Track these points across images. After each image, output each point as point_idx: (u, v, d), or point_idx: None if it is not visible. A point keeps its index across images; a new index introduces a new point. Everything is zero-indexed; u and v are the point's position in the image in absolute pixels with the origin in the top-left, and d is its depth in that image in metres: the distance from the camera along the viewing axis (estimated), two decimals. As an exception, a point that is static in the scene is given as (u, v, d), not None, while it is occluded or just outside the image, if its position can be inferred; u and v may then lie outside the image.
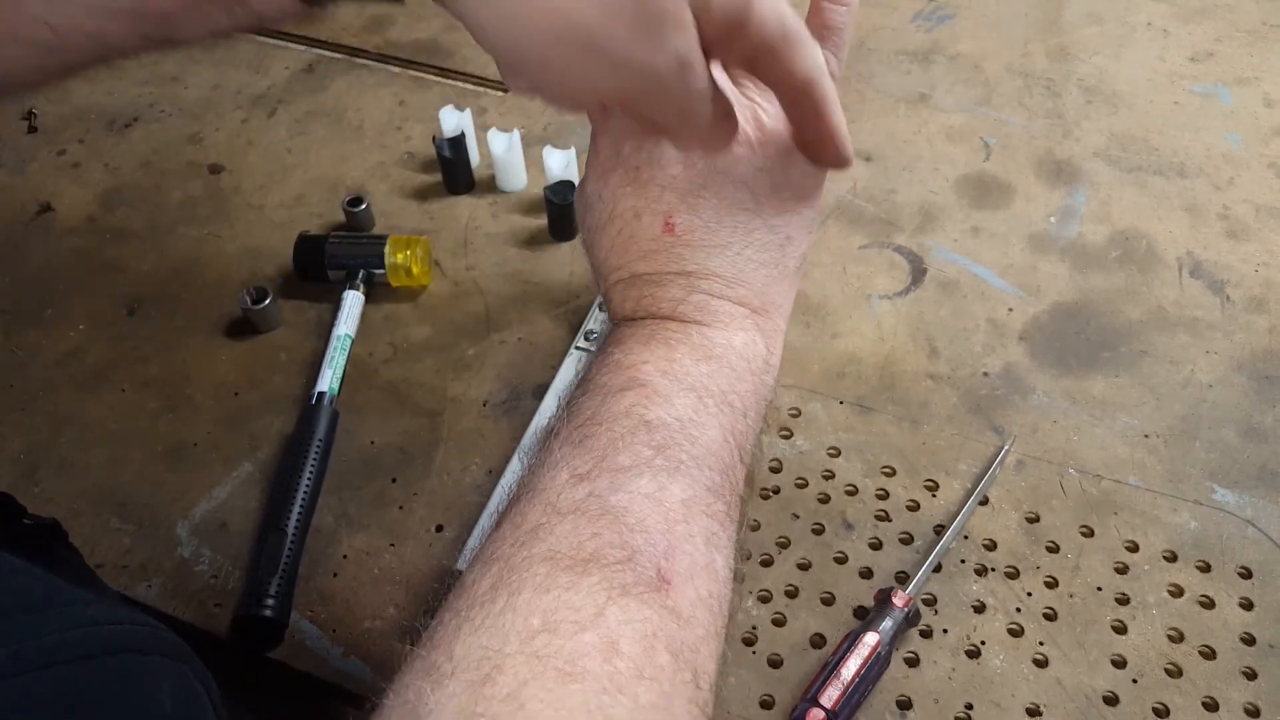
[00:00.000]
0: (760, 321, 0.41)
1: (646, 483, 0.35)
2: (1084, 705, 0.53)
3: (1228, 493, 0.61)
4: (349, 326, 0.70)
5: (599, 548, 0.33)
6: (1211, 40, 0.94)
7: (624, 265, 0.41)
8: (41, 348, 0.72)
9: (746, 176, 0.39)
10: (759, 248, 0.40)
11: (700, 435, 0.37)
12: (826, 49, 0.41)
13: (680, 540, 0.34)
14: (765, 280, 0.41)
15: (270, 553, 0.58)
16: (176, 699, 0.38)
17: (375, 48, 0.97)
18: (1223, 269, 0.74)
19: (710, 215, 0.39)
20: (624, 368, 0.38)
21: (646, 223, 0.39)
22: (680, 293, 0.40)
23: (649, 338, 0.39)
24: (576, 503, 0.34)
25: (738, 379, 0.39)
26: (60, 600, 0.37)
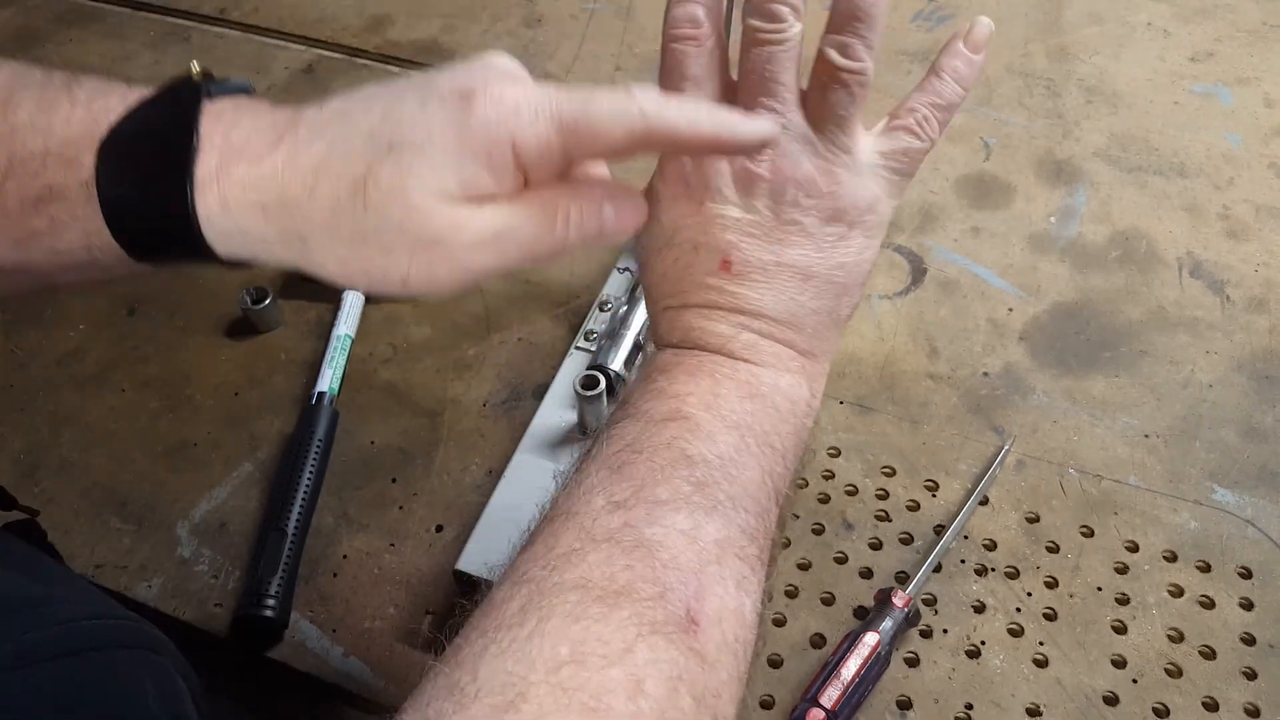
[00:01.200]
0: (807, 365, 0.41)
1: (683, 519, 0.34)
2: (1084, 705, 0.53)
3: (1228, 493, 0.61)
4: (349, 326, 0.70)
5: (631, 581, 0.32)
6: (1211, 40, 0.94)
7: (676, 294, 0.40)
8: (41, 348, 0.72)
9: (813, 229, 0.39)
10: (815, 295, 0.40)
11: (739, 475, 0.37)
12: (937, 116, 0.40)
13: (712, 581, 0.34)
14: (816, 326, 0.41)
15: (270, 553, 0.58)
16: (160, 692, 0.38)
17: (375, 48, 0.97)
18: (1223, 269, 0.74)
19: (769, 259, 0.39)
20: (668, 397, 0.38)
21: (704, 257, 0.39)
22: (731, 330, 0.39)
23: (696, 369, 0.39)
24: (611, 531, 0.34)
25: (781, 421, 0.39)
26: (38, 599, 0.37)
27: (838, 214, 0.39)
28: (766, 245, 0.39)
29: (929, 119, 0.40)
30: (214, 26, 1.01)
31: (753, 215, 0.39)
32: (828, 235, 0.39)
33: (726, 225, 0.39)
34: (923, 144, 0.41)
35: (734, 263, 0.39)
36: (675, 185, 0.40)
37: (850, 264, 0.40)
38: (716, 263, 0.39)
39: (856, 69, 0.38)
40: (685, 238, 0.40)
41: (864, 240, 0.40)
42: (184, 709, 0.38)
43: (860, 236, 0.40)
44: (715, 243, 0.39)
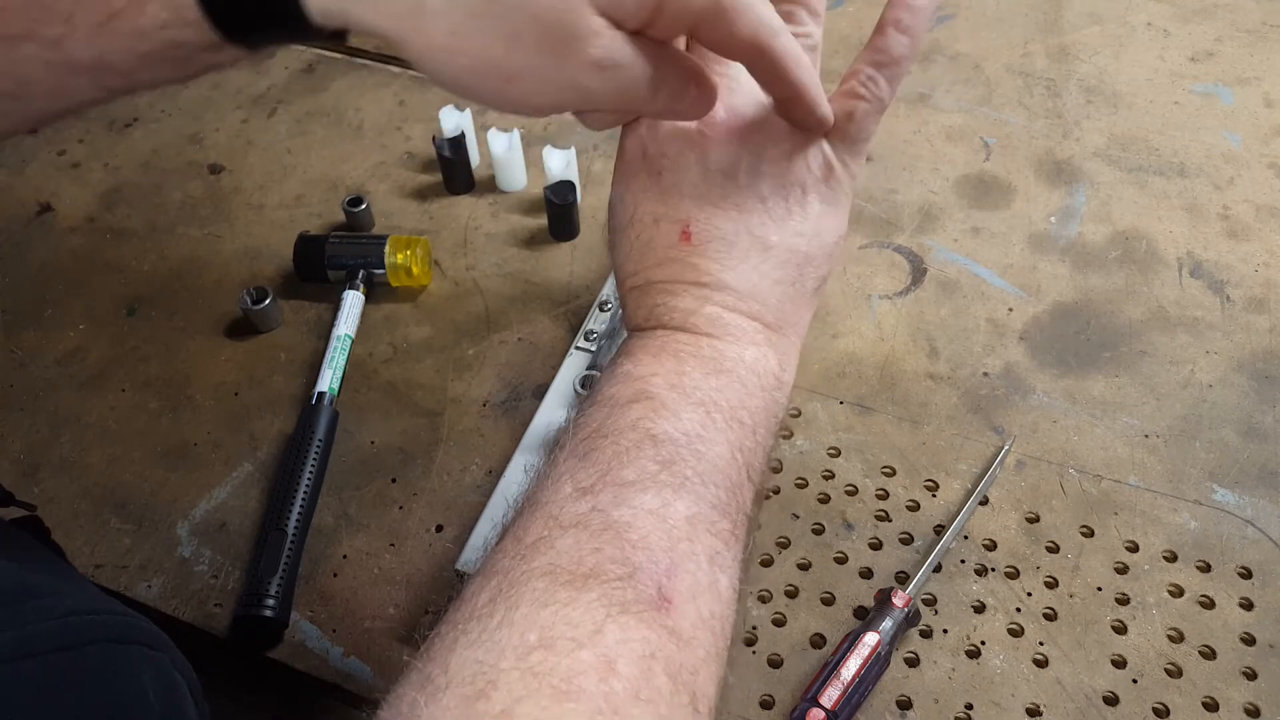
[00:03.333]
0: (773, 338, 0.41)
1: (651, 498, 0.34)
2: (1084, 705, 0.53)
3: (1228, 493, 0.61)
4: (349, 326, 0.70)
5: (599, 563, 0.32)
6: (1211, 40, 0.94)
7: (640, 271, 0.40)
8: (41, 348, 0.72)
9: (770, 193, 0.39)
10: (777, 264, 0.40)
11: (707, 451, 0.36)
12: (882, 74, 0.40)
13: (683, 558, 0.34)
14: (781, 297, 0.40)
15: (270, 553, 0.58)
16: (159, 687, 0.38)
17: (375, 48, 0.97)
18: (1223, 269, 0.74)
19: (729, 228, 0.39)
20: (632, 379, 0.38)
21: (664, 230, 0.39)
22: (693, 304, 0.39)
23: (659, 349, 0.39)
24: (579, 516, 0.34)
25: (748, 394, 0.39)
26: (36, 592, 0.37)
27: (793, 180, 0.39)
28: (724, 213, 0.39)
29: (873, 78, 0.40)
30: (214, 26, 1.01)
31: (710, 182, 0.39)
32: (785, 202, 0.39)
33: (684, 194, 0.39)
34: (869, 104, 0.40)
35: (694, 233, 0.39)
36: (634, 158, 0.40)
37: (809, 231, 0.40)
38: (676, 234, 0.39)
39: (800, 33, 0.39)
40: (645, 210, 0.40)
41: (822, 207, 0.40)
42: (182, 704, 0.38)
43: (817, 202, 0.40)
44: (674, 213, 0.39)
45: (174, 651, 0.40)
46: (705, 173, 0.39)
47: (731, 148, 0.38)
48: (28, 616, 0.35)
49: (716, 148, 0.38)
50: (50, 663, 0.35)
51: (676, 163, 0.39)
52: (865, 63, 0.40)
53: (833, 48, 0.94)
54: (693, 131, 0.39)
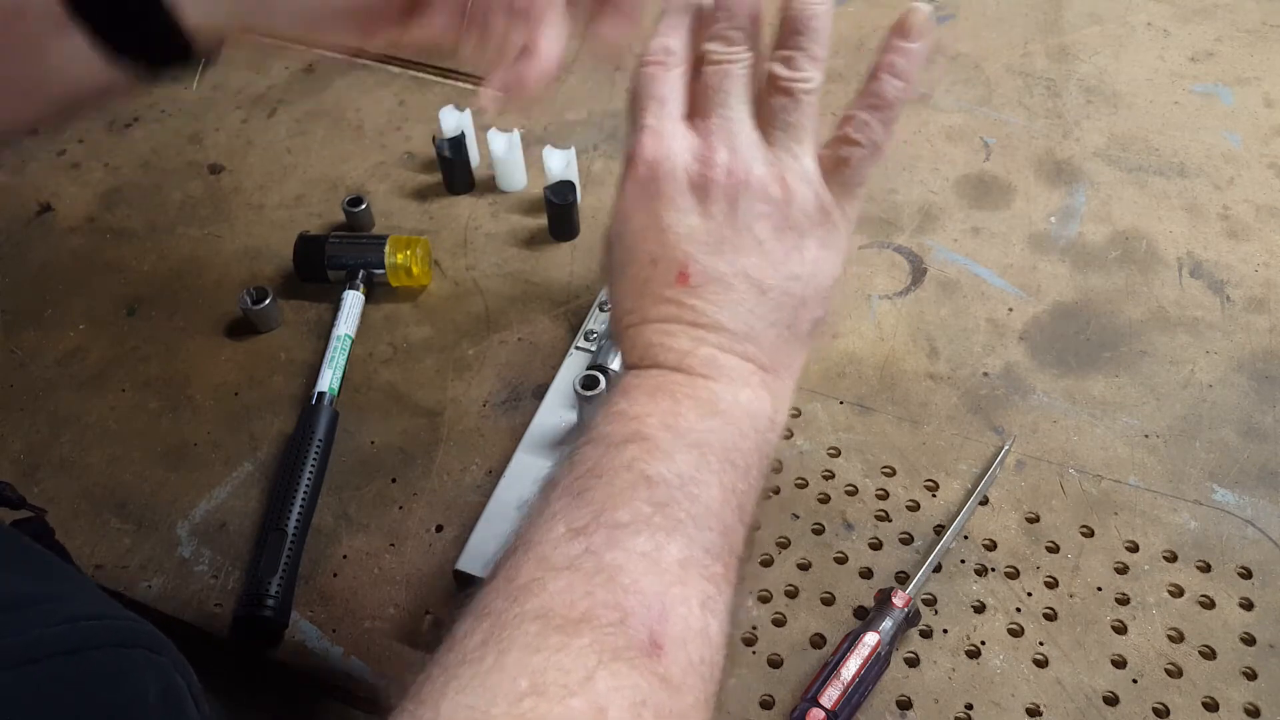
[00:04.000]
0: (768, 380, 0.41)
1: (644, 541, 0.34)
2: (1084, 705, 0.53)
3: (1228, 493, 0.61)
4: (349, 326, 0.70)
5: (591, 607, 0.32)
6: (1211, 40, 0.94)
7: (636, 310, 0.40)
8: (41, 348, 0.72)
9: (768, 237, 0.39)
10: (773, 307, 0.40)
11: (701, 494, 0.36)
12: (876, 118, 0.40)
13: (675, 603, 0.34)
14: (776, 340, 0.40)
15: (270, 553, 0.58)
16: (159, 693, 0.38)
17: (375, 48, 0.97)
18: (1223, 269, 0.74)
19: (726, 269, 0.39)
20: (628, 418, 0.38)
21: (662, 270, 0.39)
22: (689, 345, 0.39)
23: (655, 389, 0.39)
24: (571, 559, 0.34)
25: (741, 437, 0.39)
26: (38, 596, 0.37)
27: (791, 223, 0.39)
28: (722, 255, 0.39)
29: (867, 123, 0.40)
30: (214, 26, 1.01)
31: (709, 223, 0.39)
32: (782, 245, 0.39)
33: (682, 236, 0.39)
34: (864, 149, 0.40)
35: (691, 274, 0.39)
36: (634, 198, 0.40)
37: (806, 275, 0.40)
38: (674, 275, 0.39)
39: (799, 78, 0.39)
40: (644, 250, 0.40)
41: (819, 251, 0.40)
42: (183, 707, 0.38)
43: (815, 247, 0.40)
44: (672, 254, 0.39)
45: (175, 655, 0.40)
46: (705, 215, 0.39)
47: (731, 190, 0.38)
48: (30, 622, 0.35)
49: (717, 191, 0.38)
50: (53, 668, 0.35)
51: (676, 204, 0.39)
52: (859, 107, 0.40)
53: (833, 47, 0.94)
54: (694, 173, 0.39)
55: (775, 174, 0.39)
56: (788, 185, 0.39)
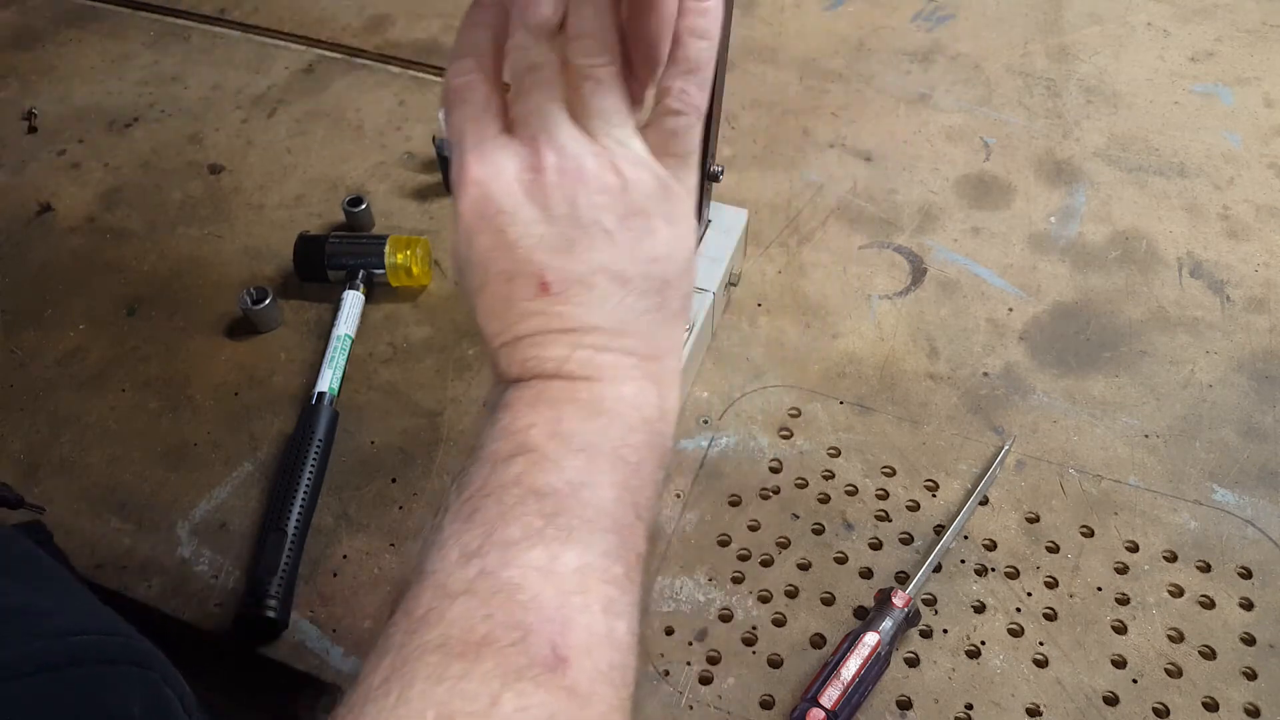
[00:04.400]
0: (651, 368, 0.40)
1: (538, 554, 0.34)
2: (1084, 705, 0.53)
3: (1228, 493, 0.61)
4: (349, 326, 0.70)
5: (491, 630, 0.32)
6: (1211, 40, 0.94)
7: (505, 329, 0.40)
8: (41, 348, 0.72)
9: (613, 226, 0.38)
10: (639, 294, 0.39)
11: (593, 498, 0.36)
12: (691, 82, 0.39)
13: (576, 613, 0.33)
14: (650, 325, 0.40)
15: (270, 553, 0.58)
16: (146, 708, 0.38)
17: (375, 48, 0.97)
18: (1223, 269, 0.74)
19: (584, 269, 0.38)
20: (511, 433, 0.38)
21: (520, 285, 0.39)
22: (565, 350, 0.39)
23: (535, 399, 0.38)
24: (467, 582, 0.33)
25: (630, 431, 0.38)
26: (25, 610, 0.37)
27: (634, 207, 0.39)
28: (576, 256, 0.38)
29: (684, 90, 0.40)
30: (214, 26, 1.01)
31: (554, 228, 0.38)
32: (631, 231, 0.39)
33: (532, 247, 0.38)
34: (687, 116, 0.40)
35: (551, 283, 0.38)
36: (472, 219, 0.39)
37: (663, 255, 0.39)
38: (534, 287, 0.38)
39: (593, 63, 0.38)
40: (497, 270, 0.39)
41: (669, 229, 0.39)
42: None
43: (664, 225, 0.39)
44: (526, 267, 0.38)
45: (167, 668, 0.40)
46: (549, 220, 0.38)
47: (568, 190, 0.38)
48: (13, 638, 0.35)
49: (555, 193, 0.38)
50: (34, 685, 0.35)
51: (517, 216, 0.38)
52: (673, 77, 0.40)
53: (833, 48, 0.95)
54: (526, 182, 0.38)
55: (606, 163, 0.38)
56: (621, 171, 0.38)
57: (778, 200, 0.80)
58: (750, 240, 0.77)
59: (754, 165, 0.83)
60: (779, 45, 0.95)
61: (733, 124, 0.87)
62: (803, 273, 0.75)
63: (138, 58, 0.98)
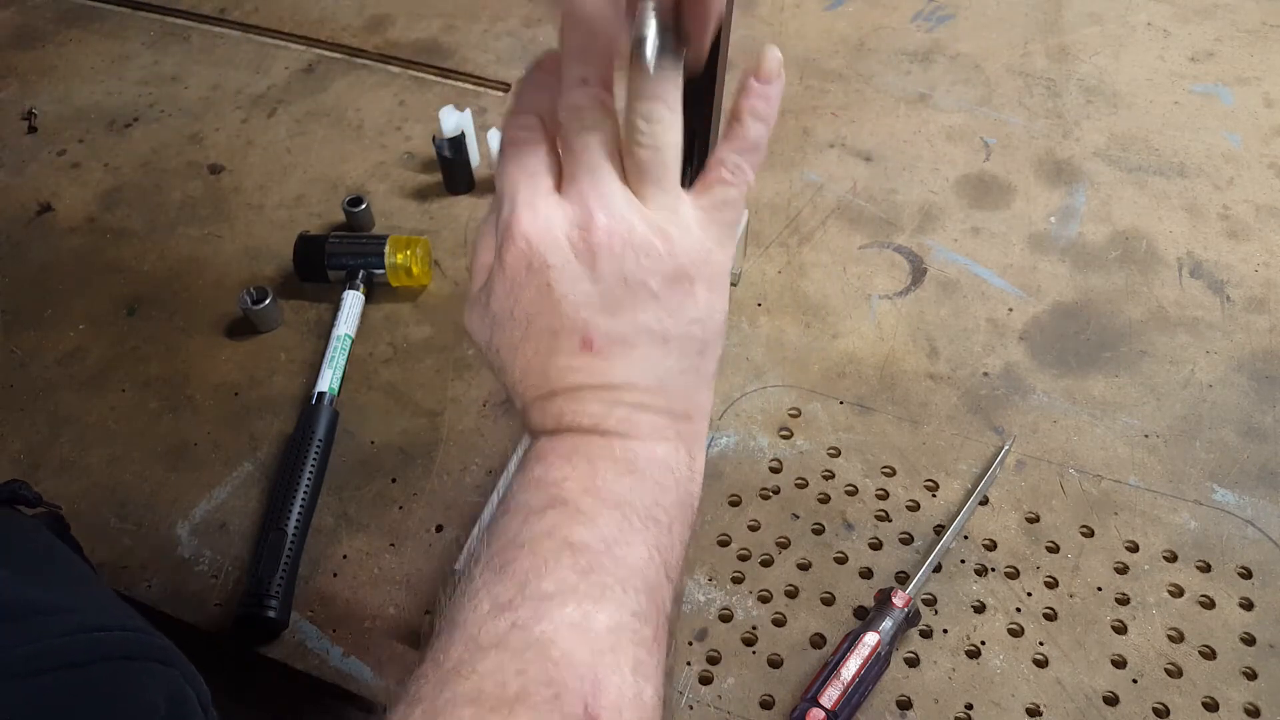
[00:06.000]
0: (683, 428, 0.41)
1: (572, 611, 0.34)
2: (1084, 705, 0.53)
3: (1228, 493, 0.61)
4: (349, 326, 0.70)
5: (524, 685, 0.32)
6: (1211, 40, 0.94)
7: (541, 384, 0.40)
8: (41, 348, 0.72)
9: (658, 288, 0.38)
10: (678, 356, 0.40)
11: (626, 555, 0.36)
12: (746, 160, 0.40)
13: (607, 672, 0.33)
14: (686, 387, 0.40)
15: (270, 553, 0.58)
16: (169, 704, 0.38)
17: (375, 48, 0.97)
18: (1223, 269, 0.74)
19: (628, 329, 0.39)
20: (545, 485, 0.38)
21: (564, 342, 0.39)
22: (602, 408, 0.39)
23: (571, 453, 0.39)
24: (499, 636, 0.33)
25: (663, 492, 0.39)
26: (49, 606, 0.37)
27: (679, 271, 0.39)
28: (621, 315, 0.38)
29: (739, 166, 0.41)
30: (214, 26, 1.01)
31: (600, 287, 0.38)
32: (675, 294, 0.39)
33: (578, 304, 0.38)
34: (737, 189, 0.41)
35: (595, 340, 0.38)
36: (518, 272, 0.39)
37: (703, 318, 0.40)
38: (577, 343, 0.39)
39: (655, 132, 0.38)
40: (540, 325, 0.39)
41: (709, 294, 0.40)
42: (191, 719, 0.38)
43: (704, 290, 0.40)
44: (571, 324, 0.38)
45: (186, 666, 0.40)
46: (596, 279, 0.38)
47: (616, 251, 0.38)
48: (37, 633, 0.35)
49: (603, 252, 0.38)
50: (59, 680, 0.35)
51: (565, 272, 0.38)
52: (728, 150, 0.41)
53: (833, 47, 0.95)
54: (575, 240, 0.38)
55: (655, 226, 0.39)
56: (669, 236, 0.39)
57: (778, 200, 0.80)
58: (750, 240, 0.77)
59: (754, 165, 0.83)
60: (779, 45, 0.95)
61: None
62: (803, 273, 0.75)
63: (138, 58, 0.98)
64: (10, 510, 0.48)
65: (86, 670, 0.36)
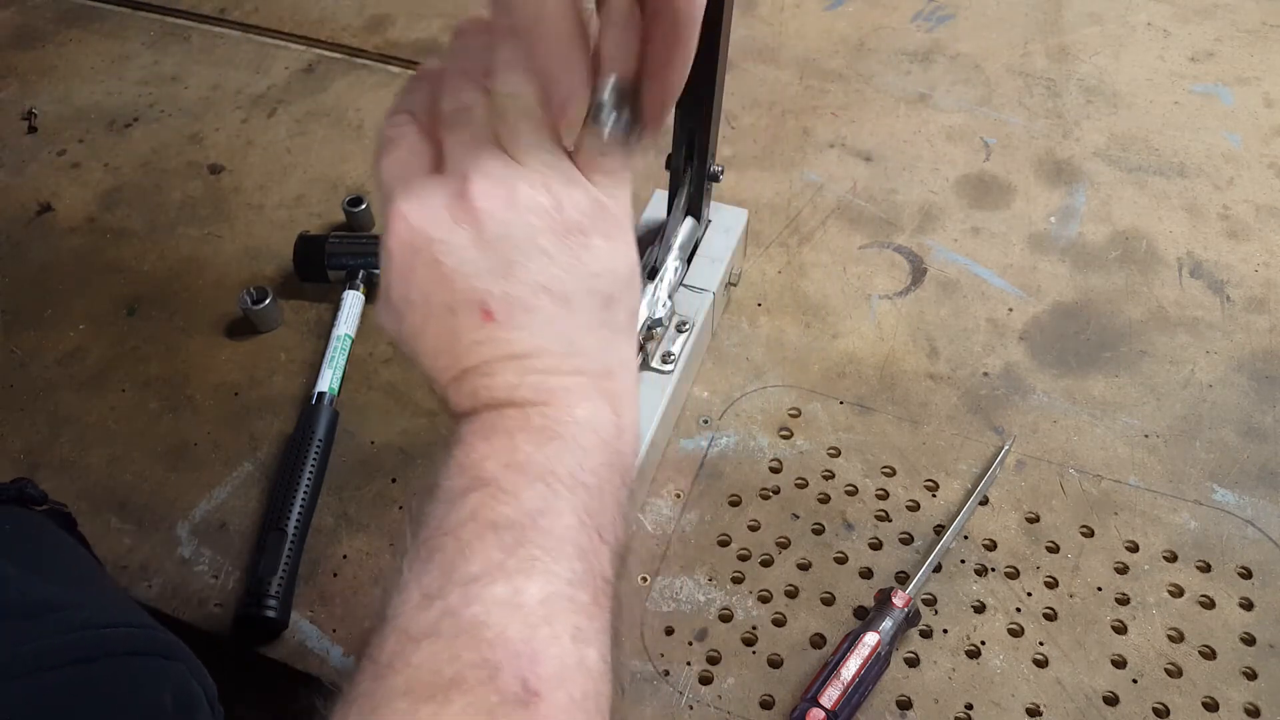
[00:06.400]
0: (604, 386, 0.40)
1: (500, 589, 0.33)
2: (1084, 705, 0.53)
3: (1228, 493, 0.61)
4: (349, 326, 0.70)
5: (458, 671, 0.31)
6: (1211, 40, 0.94)
7: (452, 364, 0.39)
8: (41, 348, 0.72)
9: (549, 245, 0.37)
10: (584, 313, 0.39)
11: (553, 525, 0.35)
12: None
13: (545, 644, 0.33)
14: (599, 344, 0.39)
15: (270, 553, 0.58)
16: (176, 699, 0.38)
17: (375, 48, 0.97)
18: (1223, 269, 0.74)
19: (525, 291, 0.38)
20: (466, 468, 0.37)
21: (464, 316, 0.38)
22: (514, 377, 0.38)
23: (489, 431, 0.38)
24: (430, 625, 0.33)
25: (586, 454, 0.38)
26: (56, 604, 0.37)
27: (569, 225, 0.38)
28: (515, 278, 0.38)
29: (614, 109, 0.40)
30: (214, 26, 1.01)
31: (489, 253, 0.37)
32: (568, 249, 0.38)
33: (469, 274, 0.37)
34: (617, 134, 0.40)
35: (494, 309, 0.37)
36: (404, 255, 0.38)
37: (604, 270, 0.39)
38: (477, 315, 0.38)
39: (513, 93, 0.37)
40: (438, 303, 0.38)
41: (606, 244, 0.39)
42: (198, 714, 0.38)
43: (601, 240, 0.39)
44: (466, 296, 0.37)
45: (192, 661, 0.40)
46: (482, 244, 0.37)
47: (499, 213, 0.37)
48: (46, 630, 0.36)
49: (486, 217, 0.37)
50: (68, 676, 0.35)
51: (451, 244, 0.37)
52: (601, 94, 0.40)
53: (833, 48, 0.95)
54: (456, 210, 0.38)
55: (537, 184, 0.38)
56: (553, 191, 0.38)
57: (778, 200, 0.80)
58: (750, 240, 0.77)
59: (754, 165, 0.83)
60: (779, 45, 0.95)
61: (733, 124, 0.87)
62: (803, 273, 0.75)
63: (138, 58, 0.97)
64: (18, 508, 0.48)
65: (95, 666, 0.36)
